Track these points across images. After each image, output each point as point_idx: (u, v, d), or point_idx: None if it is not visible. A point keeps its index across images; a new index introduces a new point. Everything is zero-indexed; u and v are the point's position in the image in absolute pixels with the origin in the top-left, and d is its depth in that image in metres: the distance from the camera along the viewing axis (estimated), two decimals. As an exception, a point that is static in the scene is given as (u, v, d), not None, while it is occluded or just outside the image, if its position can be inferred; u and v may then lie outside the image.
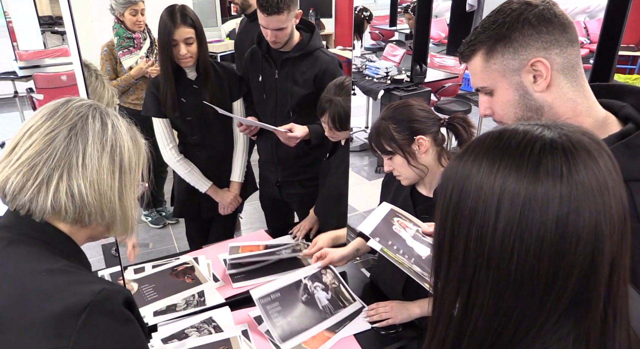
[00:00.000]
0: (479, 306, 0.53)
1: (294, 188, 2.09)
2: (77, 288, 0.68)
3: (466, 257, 0.53)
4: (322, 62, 1.86)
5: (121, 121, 0.83)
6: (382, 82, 4.18)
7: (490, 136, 0.56)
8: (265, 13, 1.67)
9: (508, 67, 0.85)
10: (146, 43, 2.53)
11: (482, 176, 0.52)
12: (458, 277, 0.55)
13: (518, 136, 0.53)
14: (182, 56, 1.77)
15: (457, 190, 0.54)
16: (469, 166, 0.54)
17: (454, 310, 0.56)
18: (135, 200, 0.82)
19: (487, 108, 0.92)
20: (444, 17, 7.75)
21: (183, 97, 1.88)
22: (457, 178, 0.55)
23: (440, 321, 0.58)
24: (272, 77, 1.89)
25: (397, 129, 1.32)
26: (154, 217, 3.08)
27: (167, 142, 1.95)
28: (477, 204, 0.52)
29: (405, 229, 1.21)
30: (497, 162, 0.52)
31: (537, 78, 0.84)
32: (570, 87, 0.84)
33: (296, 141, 1.84)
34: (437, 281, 0.59)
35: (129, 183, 0.80)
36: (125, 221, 0.81)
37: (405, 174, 1.36)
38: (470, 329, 0.54)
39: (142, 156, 0.85)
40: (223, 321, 1.46)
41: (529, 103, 0.86)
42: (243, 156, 2.07)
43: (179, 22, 1.73)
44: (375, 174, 4.36)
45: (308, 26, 1.88)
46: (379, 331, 1.44)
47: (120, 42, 2.46)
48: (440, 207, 0.57)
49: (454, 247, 0.55)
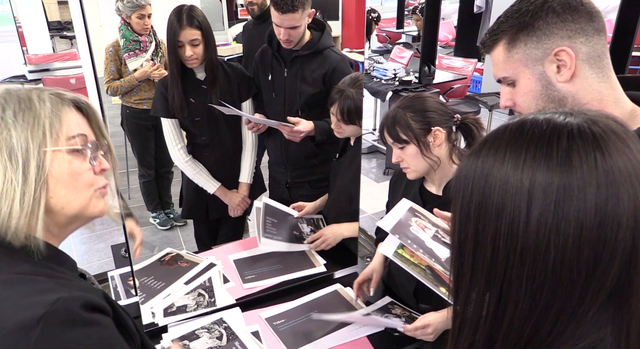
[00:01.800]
0: (513, 305, 0.51)
1: (303, 189, 2.07)
2: (29, 300, 0.63)
3: (495, 256, 0.51)
4: (332, 60, 1.84)
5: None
6: (390, 83, 4.16)
7: (510, 128, 0.53)
8: (280, 11, 1.66)
9: (531, 56, 0.83)
10: (152, 46, 2.54)
11: (508, 170, 0.50)
12: (486, 278, 0.52)
13: (541, 125, 0.51)
14: (188, 58, 1.76)
15: (479, 187, 0.52)
16: (489, 160, 0.52)
17: (481, 313, 0.53)
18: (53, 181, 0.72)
19: (508, 99, 0.90)
20: (451, 19, 7.74)
21: (192, 98, 1.87)
22: (477, 174, 0.53)
23: (465, 326, 0.56)
24: (282, 76, 1.88)
25: (415, 118, 1.30)
26: (162, 219, 3.08)
27: (176, 142, 1.94)
28: (504, 199, 0.50)
29: (424, 230, 1.18)
30: (522, 154, 0.50)
31: (561, 68, 0.81)
32: (596, 78, 0.82)
33: (300, 135, 1.82)
34: (459, 284, 0.56)
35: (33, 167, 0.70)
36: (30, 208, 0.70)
37: (415, 165, 1.33)
38: (504, 330, 0.52)
39: (40, 131, 0.72)
40: (234, 322, 1.44)
41: (552, 94, 0.83)
42: (251, 157, 2.06)
43: (185, 24, 1.72)
44: (384, 176, 4.34)
45: (318, 25, 1.87)
46: (392, 332, 1.41)
47: (126, 45, 2.47)
48: (459, 206, 0.55)
49: (479, 247, 0.52)
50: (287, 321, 1.46)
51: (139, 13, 2.41)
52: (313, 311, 1.50)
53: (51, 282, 0.69)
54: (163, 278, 1.63)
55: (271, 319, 1.46)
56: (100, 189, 0.79)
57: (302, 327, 1.43)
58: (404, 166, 1.35)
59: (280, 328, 1.43)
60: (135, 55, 2.51)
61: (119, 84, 2.47)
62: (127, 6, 2.41)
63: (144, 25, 2.45)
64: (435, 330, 1.29)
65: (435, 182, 1.41)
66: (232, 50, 2.81)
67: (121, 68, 2.51)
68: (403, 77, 4.16)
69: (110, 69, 2.48)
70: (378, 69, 4.33)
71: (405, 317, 1.47)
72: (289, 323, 1.45)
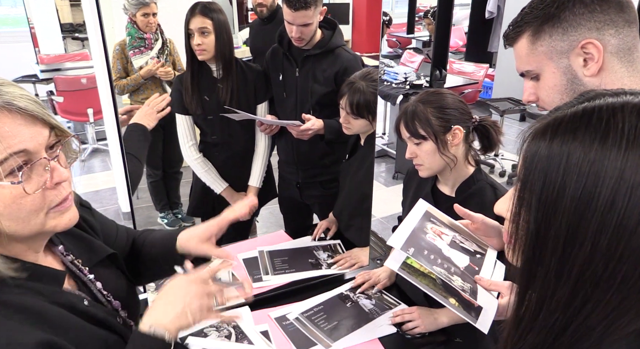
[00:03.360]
0: (595, 304, 0.49)
1: (314, 189, 2.05)
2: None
3: (593, 254, 0.48)
4: (344, 59, 1.83)
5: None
6: (400, 87, 4.13)
7: (597, 112, 0.50)
8: (293, 9, 1.65)
9: (556, 48, 0.80)
10: (158, 44, 2.55)
11: (621, 162, 0.46)
12: (577, 275, 0.49)
13: (624, 110, 0.48)
14: (196, 47, 1.76)
15: (580, 176, 0.48)
16: (591, 147, 0.48)
17: (559, 315, 0.51)
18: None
19: (531, 94, 0.87)
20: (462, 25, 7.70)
21: (206, 96, 1.86)
22: (574, 162, 0.48)
23: (533, 329, 0.54)
24: (293, 76, 1.86)
25: (435, 114, 1.27)
26: (170, 219, 3.07)
27: (188, 139, 1.93)
28: (616, 193, 0.46)
29: (441, 237, 1.12)
30: (635, 147, 0.46)
31: (588, 61, 0.78)
32: (626, 72, 0.78)
33: (309, 133, 1.80)
34: (529, 287, 0.54)
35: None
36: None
37: (429, 163, 1.30)
38: (575, 326, 0.50)
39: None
40: (243, 321, 1.42)
41: (578, 88, 0.80)
42: (263, 160, 2.03)
43: (197, 12, 1.74)
44: (393, 180, 4.31)
45: (330, 24, 1.85)
46: (404, 335, 1.38)
47: (131, 42, 2.48)
48: (541, 192, 0.50)
49: (573, 242, 0.49)
50: (297, 322, 1.43)
51: (144, 11, 2.43)
52: (324, 313, 1.47)
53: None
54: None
55: (281, 319, 1.44)
56: (55, 208, 0.68)
57: (314, 327, 1.40)
58: (417, 163, 1.31)
59: (289, 328, 1.41)
60: (140, 52, 2.52)
61: (126, 83, 2.48)
62: (132, 4, 2.44)
63: (148, 23, 2.47)
64: (422, 315, 1.37)
65: (449, 183, 1.38)
66: (242, 53, 2.81)
67: (127, 66, 2.52)
68: (414, 81, 4.13)
69: (117, 67, 2.50)
70: (389, 73, 4.31)
71: (376, 299, 1.52)
72: (300, 323, 1.43)
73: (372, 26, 2.65)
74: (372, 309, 1.49)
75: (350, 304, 1.52)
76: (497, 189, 1.32)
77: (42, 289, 0.69)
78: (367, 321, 1.44)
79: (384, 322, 1.43)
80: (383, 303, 1.52)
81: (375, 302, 1.52)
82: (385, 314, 1.46)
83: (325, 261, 1.76)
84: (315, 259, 1.77)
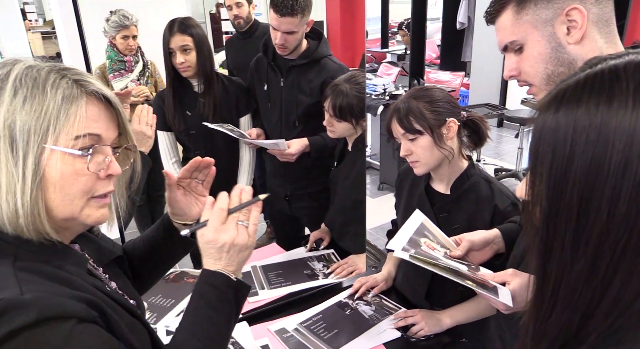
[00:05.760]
0: (625, 274, 0.46)
1: (303, 201, 2.01)
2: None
3: (611, 222, 0.46)
4: (330, 69, 1.82)
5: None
6: (380, 98, 4.17)
7: (602, 74, 0.48)
8: (279, 14, 1.64)
9: (541, 17, 0.81)
10: (138, 66, 2.53)
11: (632, 119, 0.44)
12: (595, 246, 0.47)
13: (627, 69, 0.47)
14: (180, 65, 1.74)
15: (586, 142, 0.46)
16: (596, 110, 0.46)
17: (578, 286, 0.49)
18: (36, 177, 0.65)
19: (513, 69, 0.87)
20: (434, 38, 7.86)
21: (188, 111, 1.84)
22: (580, 127, 0.47)
23: (557, 304, 0.51)
24: (278, 86, 1.85)
25: (428, 108, 1.26)
26: (157, 245, 2.99)
27: (171, 156, 1.90)
28: (630, 153, 0.44)
29: (434, 251, 1.09)
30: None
31: (571, 30, 0.80)
32: (604, 43, 0.80)
33: (293, 157, 1.78)
34: (548, 260, 0.51)
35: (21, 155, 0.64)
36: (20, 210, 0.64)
37: (426, 158, 1.28)
38: (609, 301, 0.48)
39: (51, 117, 0.65)
40: (242, 337, 1.37)
41: (562, 56, 0.81)
42: (248, 174, 2.01)
43: (176, 31, 1.72)
44: (379, 191, 4.30)
45: (316, 34, 1.85)
46: (409, 338, 1.35)
47: (111, 65, 2.46)
48: (551, 167, 0.49)
49: (588, 212, 0.47)
50: (297, 333, 1.39)
51: (123, 34, 2.42)
52: (324, 322, 1.43)
53: (27, 278, 0.63)
54: (171, 295, 1.57)
55: (280, 332, 1.39)
56: (97, 198, 0.71)
57: (315, 337, 1.36)
58: (412, 160, 1.30)
59: (290, 340, 1.36)
60: (120, 75, 2.49)
61: None
62: (112, 26, 2.42)
63: (128, 45, 2.45)
64: (425, 318, 1.35)
65: (443, 179, 1.37)
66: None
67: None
68: (393, 91, 4.17)
69: None
70: (367, 85, 4.34)
71: (375, 304, 1.50)
72: (300, 334, 1.38)
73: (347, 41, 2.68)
74: (373, 315, 1.46)
75: (350, 311, 1.49)
76: (492, 183, 1.32)
77: (70, 269, 0.69)
78: (368, 327, 1.40)
79: (386, 327, 1.39)
80: (383, 309, 1.49)
81: (375, 307, 1.49)
82: (386, 319, 1.43)
83: (321, 271, 1.72)
84: (310, 270, 1.73)
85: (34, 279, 0.63)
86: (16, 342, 0.57)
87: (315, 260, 1.79)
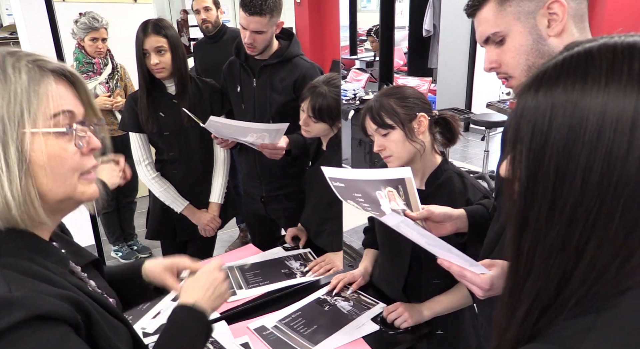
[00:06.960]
0: (597, 242, 0.49)
1: (279, 203, 2.02)
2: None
3: (584, 192, 0.48)
4: (302, 68, 1.84)
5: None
6: (351, 103, 4.22)
7: (579, 56, 0.51)
8: (248, 12, 1.65)
9: (524, 9, 0.84)
10: (107, 69, 2.50)
11: (604, 97, 0.48)
12: (569, 216, 0.50)
13: (615, 47, 0.50)
14: (154, 67, 1.72)
15: (563, 117, 0.49)
16: (572, 89, 0.49)
17: (553, 256, 0.51)
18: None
19: (493, 61, 0.90)
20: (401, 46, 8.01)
21: (162, 112, 1.82)
22: (558, 105, 0.50)
23: (532, 272, 0.53)
24: (250, 86, 1.86)
25: (399, 104, 1.30)
26: (125, 252, 2.92)
27: (143, 158, 1.87)
28: (601, 128, 0.47)
29: (390, 202, 1.07)
30: (622, 79, 0.48)
31: (552, 23, 0.84)
32: (580, 37, 0.84)
33: (282, 153, 1.77)
34: (524, 231, 0.54)
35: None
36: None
37: (398, 152, 1.31)
38: (582, 270, 0.50)
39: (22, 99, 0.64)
40: (221, 336, 1.36)
41: (542, 48, 0.85)
42: (223, 175, 1.99)
43: (150, 32, 1.70)
44: (351, 195, 4.34)
45: (287, 35, 1.87)
46: (387, 331, 1.37)
47: (79, 67, 2.42)
48: (530, 143, 0.52)
49: (563, 183, 0.50)
50: (277, 330, 1.39)
51: (92, 36, 2.40)
52: (303, 318, 1.44)
53: (13, 276, 0.62)
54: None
55: (260, 329, 1.39)
56: (85, 175, 0.71)
57: (294, 334, 1.37)
58: (386, 155, 1.33)
59: (270, 337, 1.36)
60: (88, 77, 2.46)
61: None
62: (81, 28, 2.39)
63: (97, 48, 2.42)
64: (407, 309, 1.38)
65: (418, 174, 1.40)
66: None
67: None
68: (363, 96, 4.23)
69: None
70: (338, 91, 4.39)
71: (353, 300, 1.52)
72: (280, 331, 1.38)
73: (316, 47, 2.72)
74: (351, 310, 1.47)
75: (328, 307, 1.50)
76: (464, 178, 1.36)
77: (53, 267, 0.68)
78: (347, 322, 1.42)
79: (365, 321, 1.41)
80: (361, 304, 1.50)
81: (353, 303, 1.51)
82: (364, 313, 1.45)
83: (298, 270, 1.73)
84: (288, 269, 1.74)
85: (19, 277, 0.62)
86: (6, 340, 0.56)
87: (293, 259, 1.80)
